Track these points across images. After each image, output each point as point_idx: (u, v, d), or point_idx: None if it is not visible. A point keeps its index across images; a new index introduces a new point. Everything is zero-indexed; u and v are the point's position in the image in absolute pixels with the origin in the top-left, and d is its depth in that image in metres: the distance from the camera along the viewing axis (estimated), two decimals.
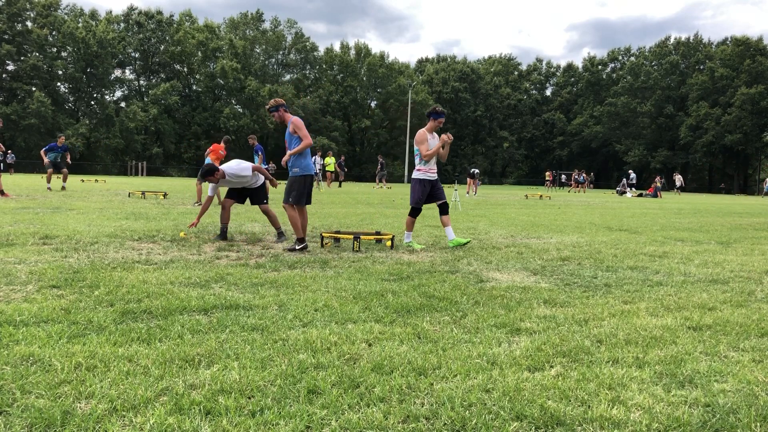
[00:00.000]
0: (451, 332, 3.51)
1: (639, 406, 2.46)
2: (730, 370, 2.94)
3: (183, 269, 5.31)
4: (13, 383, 2.49)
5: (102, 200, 14.34)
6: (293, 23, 76.68)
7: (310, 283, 4.86)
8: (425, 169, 7.57)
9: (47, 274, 4.85)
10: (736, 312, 4.22)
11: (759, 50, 69.61)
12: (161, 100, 64.70)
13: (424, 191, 7.58)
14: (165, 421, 2.18)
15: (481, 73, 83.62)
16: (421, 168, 7.58)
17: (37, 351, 2.90)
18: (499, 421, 2.27)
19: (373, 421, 2.23)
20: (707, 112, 69.48)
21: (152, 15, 68.46)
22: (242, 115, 68.07)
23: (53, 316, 3.57)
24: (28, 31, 59.53)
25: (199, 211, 8.02)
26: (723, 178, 74.55)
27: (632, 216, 15.00)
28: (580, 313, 4.07)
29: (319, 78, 75.96)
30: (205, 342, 3.15)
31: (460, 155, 78.57)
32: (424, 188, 7.59)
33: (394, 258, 6.43)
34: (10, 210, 10.55)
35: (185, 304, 3.95)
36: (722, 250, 7.96)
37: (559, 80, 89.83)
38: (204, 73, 68.81)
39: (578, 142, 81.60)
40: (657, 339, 3.47)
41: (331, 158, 31.88)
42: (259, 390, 2.50)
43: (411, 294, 4.54)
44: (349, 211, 13.22)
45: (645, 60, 79.59)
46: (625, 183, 39.90)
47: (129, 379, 2.58)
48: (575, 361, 3.02)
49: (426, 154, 7.49)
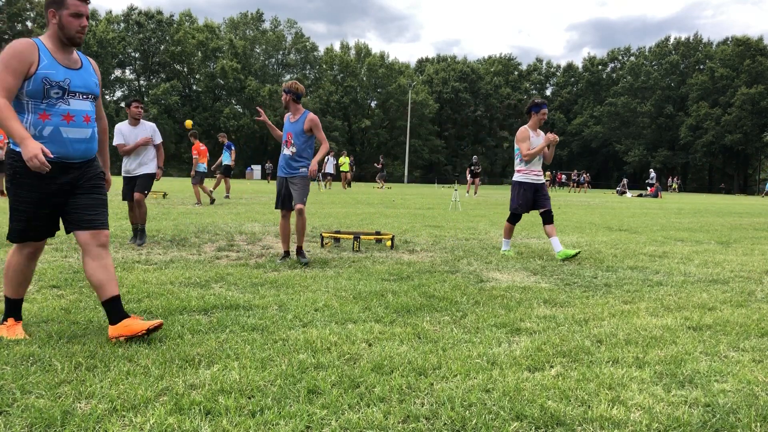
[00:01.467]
0: (451, 332, 3.51)
1: (639, 406, 2.46)
2: (730, 370, 2.94)
3: (183, 269, 5.31)
4: (13, 383, 2.49)
5: None
6: (293, 23, 76.77)
7: (310, 283, 4.86)
8: (526, 171, 6.78)
9: (47, 274, 4.85)
10: (736, 312, 4.22)
11: (759, 50, 69.62)
12: (161, 100, 64.74)
13: (525, 196, 6.76)
14: (165, 421, 2.18)
15: (481, 73, 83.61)
16: (521, 169, 6.79)
17: (37, 351, 2.90)
18: (499, 421, 2.27)
19: (373, 421, 2.23)
20: (707, 112, 69.47)
21: (152, 15, 68.48)
22: (242, 115, 68.09)
23: (53, 316, 3.57)
24: (28, 31, 59.55)
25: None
26: (723, 178, 74.55)
27: (632, 216, 15.00)
28: (580, 313, 4.07)
29: (319, 78, 75.97)
30: (205, 342, 3.15)
31: (460, 155, 78.58)
32: (525, 192, 6.77)
33: (394, 258, 6.43)
34: None
35: (185, 304, 3.95)
36: (722, 250, 7.96)
37: (559, 80, 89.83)
38: (204, 73, 68.83)
39: (578, 142, 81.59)
40: (657, 339, 3.47)
41: (346, 158, 30.71)
42: (259, 390, 2.50)
43: (411, 294, 4.54)
44: (349, 211, 13.22)
45: (645, 60, 79.60)
46: (625, 183, 39.92)
47: (129, 379, 2.58)
48: (575, 361, 3.02)
49: (527, 153, 6.66)
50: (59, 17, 3.06)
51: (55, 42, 3.10)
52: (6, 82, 2.93)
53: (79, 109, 3.12)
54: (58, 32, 3.08)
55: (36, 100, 3.02)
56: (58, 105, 3.06)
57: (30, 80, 2.98)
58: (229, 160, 17.02)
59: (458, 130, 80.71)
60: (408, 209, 14.89)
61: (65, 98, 3.07)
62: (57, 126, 3.06)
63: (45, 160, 2.83)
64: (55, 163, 3.06)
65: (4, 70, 2.93)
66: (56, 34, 3.09)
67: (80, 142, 3.13)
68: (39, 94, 3.00)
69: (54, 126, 3.05)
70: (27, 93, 3.00)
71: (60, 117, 3.06)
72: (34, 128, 3.02)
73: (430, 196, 23.99)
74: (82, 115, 3.14)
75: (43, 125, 3.03)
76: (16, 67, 2.95)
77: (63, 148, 3.08)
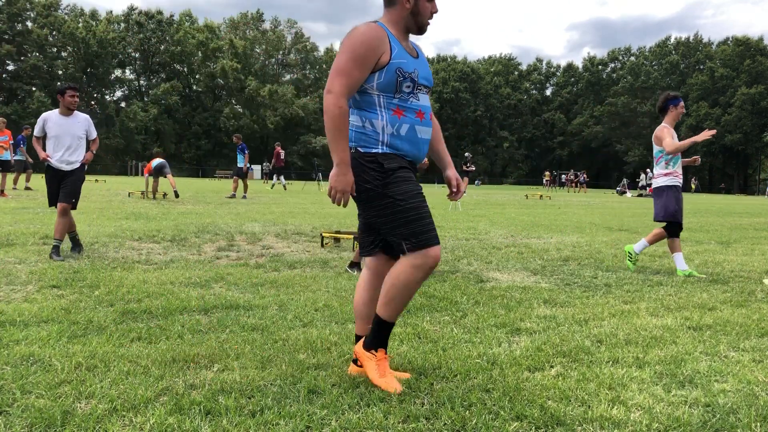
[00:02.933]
0: (451, 332, 3.51)
1: (639, 406, 2.46)
2: (730, 370, 2.94)
3: (183, 269, 5.31)
4: (13, 383, 2.49)
5: (102, 200, 14.34)
6: (293, 23, 76.81)
7: (310, 283, 4.86)
8: (674, 173, 5.96)
9: (47, 274, 4.85)
10: (736, 312, 4.22)
11: (759, 50, 69.66)
12: (161, 100, 64.77)
13: (679, 201, 5.93)
14: (165, 421, 2.18)
15: (481, 73, 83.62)
16: (668, 172, 5.96)
17: (37, 351, 2.90)
18: (499, 421, 2.27)
19: (373, 421, 2.23)
20: (707, 112, 69.48)
21: (152, 15, 68.49)
22: (242, 115, 68.08)
23: (53, 316, 3.57)
24: (28, 31, 59.54)
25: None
26: (723, 178, 74.56)
27: (632, 216, 15.00)
28: (580, 313, 4.07)
29: (320, 78, 75.97)
30: (205, 342, 3.15)
31: (460, 155, 78.53)
32: (678, 196, 5.94)
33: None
34: (10, 210, 10.56)
35: (185, 304, 3.95)
36: (722, 250, 7.96)
37: (559, 80, 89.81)
38: (204, 73, 68.83)
39: (578, 142, 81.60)
40: (657, 339, 3.47)
41: None
42: (259, 390, 2.50)
43: None
44: (349, 211, 13.22)
45: (645, 60, 79.64)
46: (626, 183, 39.90)
47: (129, 379, 2.58)
48: (575, 361, 3.02)
49: (673, 147, 5.78)
50: (415, 1, 2.61)
51: (398, 28, 2.64)
52: (352, 77, 2.47)
53: (426, 105, 2.68)
54: (408, 18, 2.63)
55: (388, 95, 2.56)
56: (410, 100, 2.61)
57: (382, 71, 2.52)
58: (242, 161, 17.62)
59: (458, 130, 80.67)
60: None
61: (415, 92, 2.62)
62: (413, 124, 2.61)
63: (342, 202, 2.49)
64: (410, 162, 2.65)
65: (351, 61, 2.46)
66: (403, 19, 2.63)
67: (426, 143, 2.70)
68: (391, 87, 2.55)
69: (410, 124, 2.60)
70: (378, 86, 2.54)
71: (414, 114, 2.62)
72: (391, 126, 2.56)
73: (430, 196, 23.99)
74: (428, 112, 2.70)
75: (400, 123, 2.57)
76: (366, 58, 2.48)
77: (416, 149, 2.63)
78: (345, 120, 2.45)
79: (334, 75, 2.47)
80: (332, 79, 2.47)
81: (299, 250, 6.88)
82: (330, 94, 2.46)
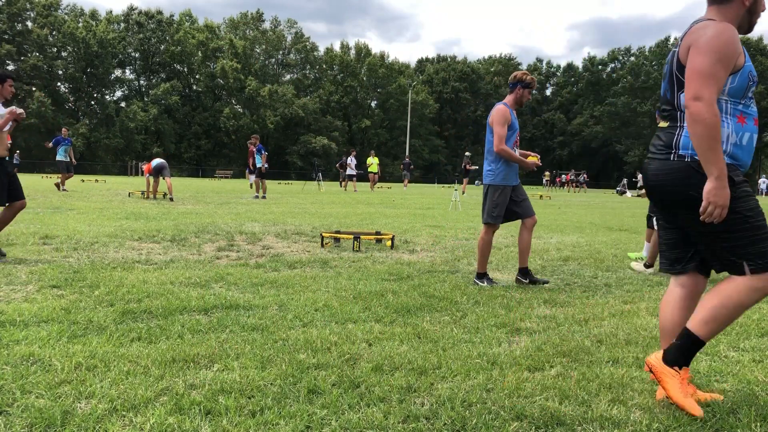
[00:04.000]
0: (451, 332, 3.51)
1: (639, 406, 2.46)
2: (730, 370, 2.94)
3: (183, 269, 5.31)
4: (13, 383, 2.49)
5: (102, 200, 14.34)
6: (293, 23, 76.71)
7: (310, 283, 4.86)
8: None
9: (47, 274, 4.85)
10: None
11: (759, 50, 69.62)
12: (161, 100, 64.71)
13: None
14: (165, 421, 2.18)
15: (481, 73, 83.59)
16: None
17: (37, 351, 2.90)
18: (499, 421, 2.27)
19: (373, 421, 2.23)
20: None
21: (152, 15, 68.45)
22: (242, 115, 68.06)
23: (53, 316, 3.57)
24: (28, 31, 59.55)
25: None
26: None
27: (632, 216, 15.00)
28: (581, 313, 4.07)
29: (320, 78, 75.97)
30: (205, 342, 3.15)
31: (460, 155, 78.55)
32: None
33: (394, 258, 6.43)
34: None
35: (185, 304, 3.95)
36: None
37: (559, 80, 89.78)
38: (204, 73, 68.79)
39: (578, 142, 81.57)
40: (657, 339, 3.47)
41: (374, 159, 28.73)
42: (259, 390, 2.50)
43: (411, 294, 4.54)
44: (349, 211, 13.22)
45: (645, 60, 79.59)
46: (626, 183, 39.90)
47: (129, 379, 2.58)
48: (575, 361, 3.02)
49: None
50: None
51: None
52: (720, 80, 2.27)
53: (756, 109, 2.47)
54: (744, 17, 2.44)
55: (735, 100, 2.37)
56: (751, 106, 2.41)
57: (736, 75, 2.33)
58: (260, 162, 18.29)
59: (458, 130, 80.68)
60: (408, 209, 14.88)
61: (752, 97, 2.43)
62: (752, 133, 2.40)
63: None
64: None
65: (719, 63, 2.25)
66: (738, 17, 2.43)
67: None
68: (741, 92, 2.36)
69: (750, 132, 2.39)
70: (729, 91, 2.35)
71: (752, 121, 2.41)
72: (735, 135, 2.36)
73: (430, 196, 23.99)
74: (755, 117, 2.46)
75: (743, 131, 2.37)
76: (730, 59, 2.27)
77: (749, 159, 2.42)
78: (720, 128, 2.26)
79: (698, 79, 2.26)
80: (698, 84, 2.26)
81: (299, 250, 6.88)
82: (699, 102, 2.25)
